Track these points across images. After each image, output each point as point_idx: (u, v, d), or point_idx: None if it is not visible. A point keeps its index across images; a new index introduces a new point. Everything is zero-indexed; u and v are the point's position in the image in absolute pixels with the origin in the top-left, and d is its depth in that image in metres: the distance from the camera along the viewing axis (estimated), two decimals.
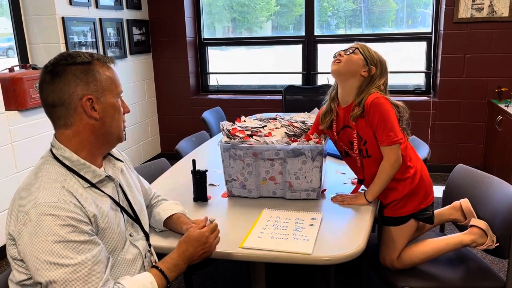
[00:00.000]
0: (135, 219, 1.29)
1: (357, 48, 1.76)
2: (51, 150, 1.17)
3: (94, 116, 1.15)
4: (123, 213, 1.25)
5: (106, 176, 1.21)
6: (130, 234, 1.26)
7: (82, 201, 1.09)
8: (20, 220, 1.03)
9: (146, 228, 1.35)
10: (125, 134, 1.27)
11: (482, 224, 1.73)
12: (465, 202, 1.86)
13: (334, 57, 1.80)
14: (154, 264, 1.32)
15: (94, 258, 1.05)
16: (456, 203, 1.90)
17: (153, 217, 1.55)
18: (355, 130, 1.75)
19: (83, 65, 1.14)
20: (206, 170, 1.84)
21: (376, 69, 1.75)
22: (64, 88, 1.12)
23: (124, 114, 1.25)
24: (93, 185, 1.17)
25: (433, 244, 1.78)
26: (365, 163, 1.80)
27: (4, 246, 2.85)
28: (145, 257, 1.30)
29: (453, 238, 1.77)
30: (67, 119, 1.15)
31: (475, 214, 1.81)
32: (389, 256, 1.77)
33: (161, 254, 1.37)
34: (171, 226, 1.53)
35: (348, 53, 1.76)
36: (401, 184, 1.75)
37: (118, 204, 1.23)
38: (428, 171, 1.83)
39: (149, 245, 1.34)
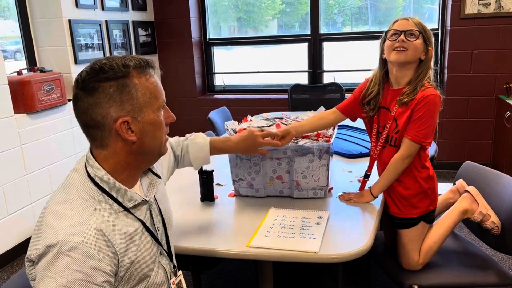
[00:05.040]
0: (161, 238, 1.20)
1: (421, 33, 1.64)
2: (85, 166, 1.08)
3: (131, 140, 1.04)
4: (155, 236, 1.16)
5: (142, 200, 1.12)
6: (160, 253, 1.18)
7: (112, 237, 1.01)
8: (39, 250, 0.96)
9: (172, 247, 1.27)
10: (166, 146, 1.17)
11: (470, 188, 1.79)
12: (459, 182, 1.90)
13: (392, 39, 1.66)
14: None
15: None
16: (453, 187, 1.93)
17: (191, 153, 1.56)
18: (392, 117, 1.70)
19: (117, 80, 1.01)
20: (213, 170, 1.85)
21: (432, 50, 1.67)
22: (96, 110, 1.01)
23: (167, 124, 1.14)
24: (126, 209, 1.08)
25: (442, 224, 1.78)
26: (385, 152, 1.75)
27: (13, 249, 2.89)
28: (170, 278, 1.22)
29: (454, 210, 1.79)
30: (102, 141, 1.05)
31: (466, 187, 1.85)
32: (413, 259, 1.74)
33: (179, 256, 1.37)
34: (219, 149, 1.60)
35: (413, 39, 1.63)
36: (416, 181, 1.72)
37: (148, 229, 1.13)
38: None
39: (174, 266, 1.25)
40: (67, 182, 1.06)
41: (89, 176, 1.05)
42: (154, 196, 1.20)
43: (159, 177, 1.23)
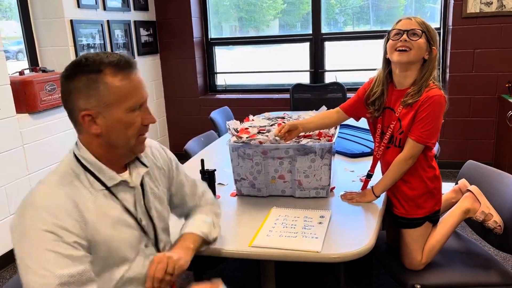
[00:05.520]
0: (147, 230, 1.21)
1: (424, 32, 1.62)
2: (74, 149, 1.16)
3: (94, 132, 1.09)
4: (137, 222, 1.18)
5: (122, 181, 1.15)
6: (145, 245, 1.20)
7: (83, 207, 1.06)
8: (16, 212, 1.05)
9: (161, 241, 1.26)
10: (144, 145, 1.19)
11: (472, 188, 1.78)
12: (462, 182, 1.90)
13: (394, 39, 1.64)
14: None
15: (68, 277, 0.98)
16: (456, 186, 1.92)
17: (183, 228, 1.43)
18: (397, 117, 1.69)
19: (89, 74, 1.05)
20: (215, 170, 1.85)
21: (436, 49, 1.65)
22: (69, 98, 1.09)
23: (146, 125, 1.15)
24: (107, 188, 1.13)
25: (444, 224, 1.77)
26: (389, 153, 1.75)
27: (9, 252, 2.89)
28: None
29: (456, 209, 1.78)
30: (76, 127, 1.13)
31: (468, 187, 1.84)
32: (416, 259, 1.73)
33: None
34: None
35: (416, 38, 1.61)
36: (422, 181, 1.71)
37: (129, 212, 1.16)
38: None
39: None
40: (58, 164, 1.16)
41: (75, 156, 1.14)
42: (142, 188, 1.21)
43: (146, 166, 1.25)
